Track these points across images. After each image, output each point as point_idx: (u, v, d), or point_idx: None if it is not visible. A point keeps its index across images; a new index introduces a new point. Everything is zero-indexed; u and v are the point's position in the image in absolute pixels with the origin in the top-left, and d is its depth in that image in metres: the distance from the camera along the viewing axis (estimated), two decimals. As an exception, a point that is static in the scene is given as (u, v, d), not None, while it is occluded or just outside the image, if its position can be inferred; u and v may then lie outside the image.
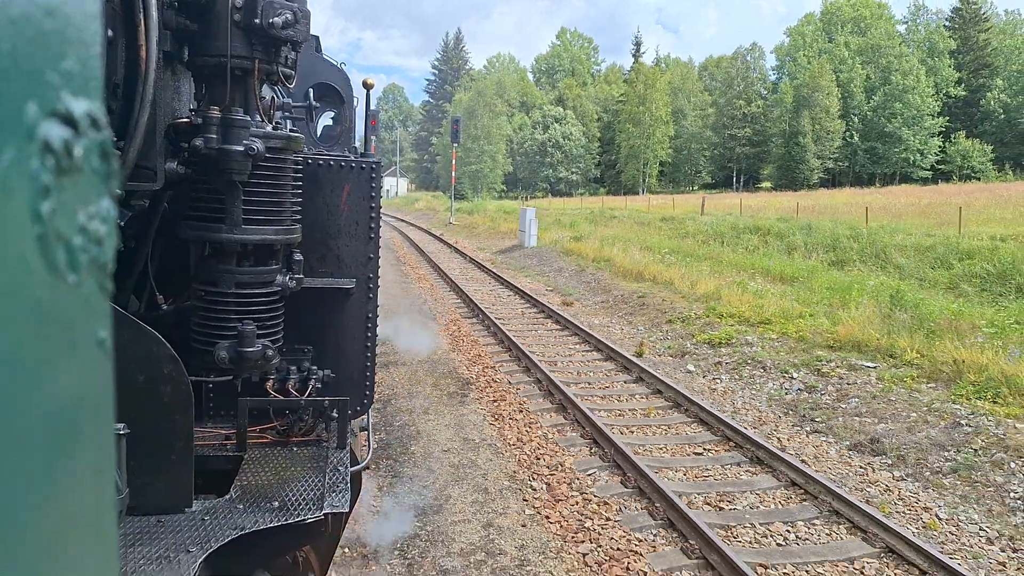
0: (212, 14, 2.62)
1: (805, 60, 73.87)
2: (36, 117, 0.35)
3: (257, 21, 2.62)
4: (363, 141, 4.26)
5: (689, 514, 5.41)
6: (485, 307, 14.30)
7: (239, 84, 2.76)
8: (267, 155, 2.72)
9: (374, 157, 3.38)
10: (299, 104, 4.67)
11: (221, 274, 2.77)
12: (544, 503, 5.75)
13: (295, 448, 2.95)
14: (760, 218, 27.95)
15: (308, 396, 3.09)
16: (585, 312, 14.70)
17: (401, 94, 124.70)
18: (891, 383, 8.53)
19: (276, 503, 2.50)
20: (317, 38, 5.27)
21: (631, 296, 15.37)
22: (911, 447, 7.09)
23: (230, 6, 2.58)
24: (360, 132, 5.12)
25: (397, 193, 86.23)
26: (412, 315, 13.58)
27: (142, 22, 2.38)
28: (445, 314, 14.07)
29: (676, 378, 9.66)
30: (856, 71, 69.69)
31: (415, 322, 12.84)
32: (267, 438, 3.02)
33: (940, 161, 67.66)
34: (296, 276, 2.96)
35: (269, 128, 2.84)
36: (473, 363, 10.28)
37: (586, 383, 9.44)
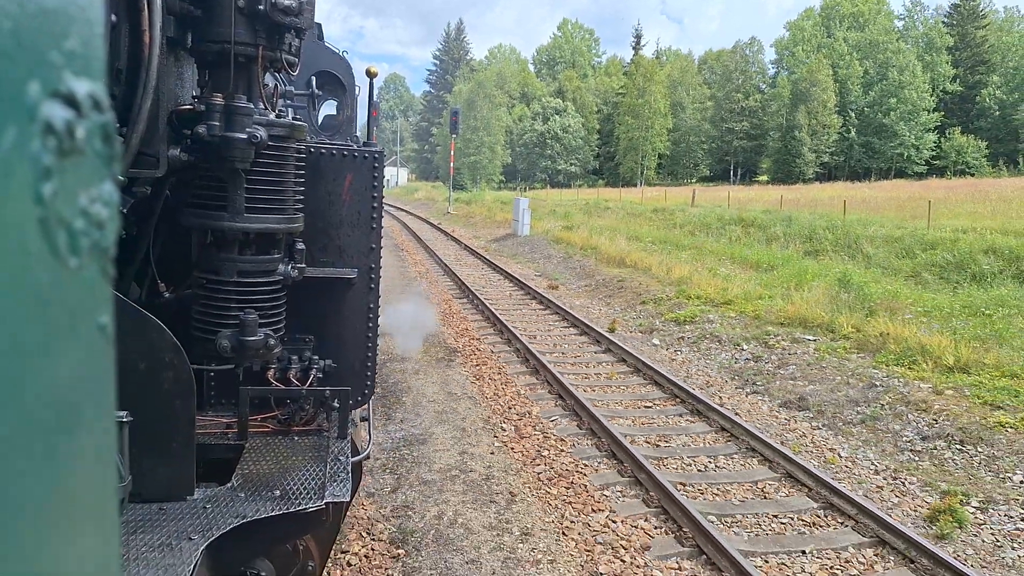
0: (216, 0, 2.60)
1: (804, 55, 74.53)
2: (38, 97, 0.34)
3: (261, 7, 2.60)
4: (366, 130, 4.14)
5: (628, 447, 6.59)
6: (475, 289, 15.46)
7: (242, 71, 2.72)
8: (270, 143, 2.70)
9: (377, 146, 3.36)
10: (301, 92, 4.67)
11: (223, 262, 2.76)
12: (511, 439, 6.95)
13: (296, 437, 2.95)
14: (746, 210, 29.03)
15: (309, 386, 3.09)
16: (569, 295, 15.85)
17: (402, 84, 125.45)
18: (825, 353, 9.70)
19: (277, 492, 2.51)
20: (319, 26, 5.22)
21: (612, 280, 16.52)
22: (831, 404, 8.27)
23: None
24: (362, 121, 5.27)
25: (397, 183, 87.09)
26: (407, 295, 14.74)
27: (146, 7, 2.36)
28: (438, 295, 15.23)
29: (641, 350, 10.83)
30: (854, 68, 70.33)
31: (410, 301, 14.00)
32: (268, 427, 3.02)
33: (935, 157, 68.47)
34: (298, 265, 2.95)
35: (272, 116, 2.82)
36: (460, 335, 11.46)
37: (560, 353, 10.62)
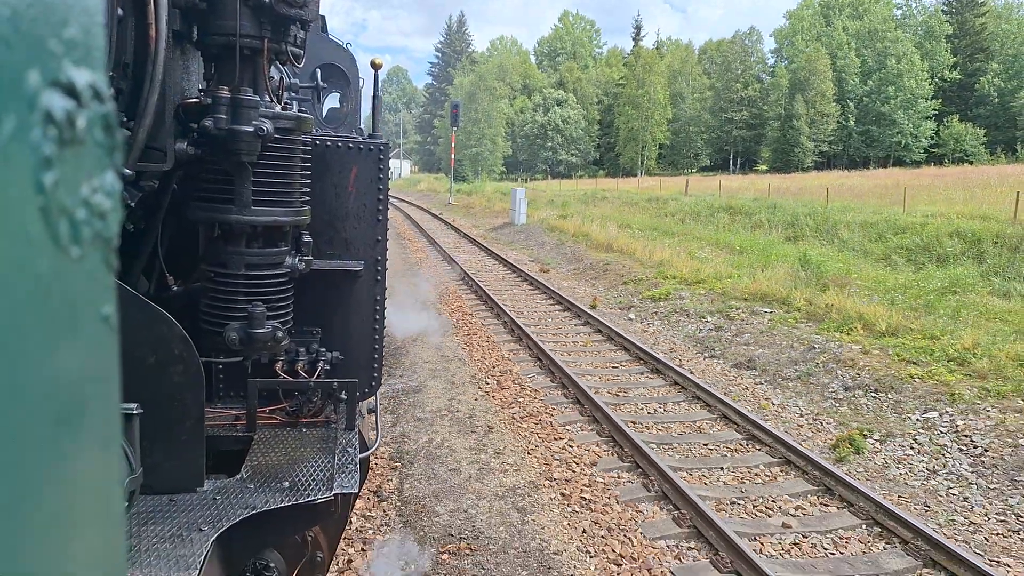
0: None
1: (803, 44, 75.04)
2: (38, 86, 0.34)
3: (266, 0, 2.59)
4: (372, 122, 4.15)
5: (591, 395, 7.82)
6: (471, 272, 16.70)
7: (248, 64, 2.73)
8: (276, 136, 2.71)
9: (382, 138, 3.37)
10: (306, 85, 4.70)
11: (231, 255, 2.77)
12: (492, 389, 8.20)
13: (304, 429, 2.97)
14: (735, 199, 30.12)
15: (317, 378, 3.10)
16: (558, 277, 17.07)
17: (405, 76, 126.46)
18: (778, 323, 10.90)
19: (286, 483, 2.52)
20: (323, 18, 5.26)
21: (599, 264, 17.73)
22: (774, 363, 9.49)
23: None
24: (367, 113, 5.35)
25: (400, 175, 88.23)
26: (409, 278, 15.99)
27: (152, 1, 2.36)
28: (436, 278, 16.49)
29: (617, 323, 12.05)
30: (851, 58, 70.86)
31: (411, 282, 15.26)
32: (276, 419, 3.03)
33: (934, 145, 69.08)
34: (305, 258, 2.96)
35: (278, 108, 2.83)
36: (454, 311, 12.71)
37: (544, 325, 11.85)
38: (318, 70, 4.73)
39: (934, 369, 8.22)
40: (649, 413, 7.77)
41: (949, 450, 6.71)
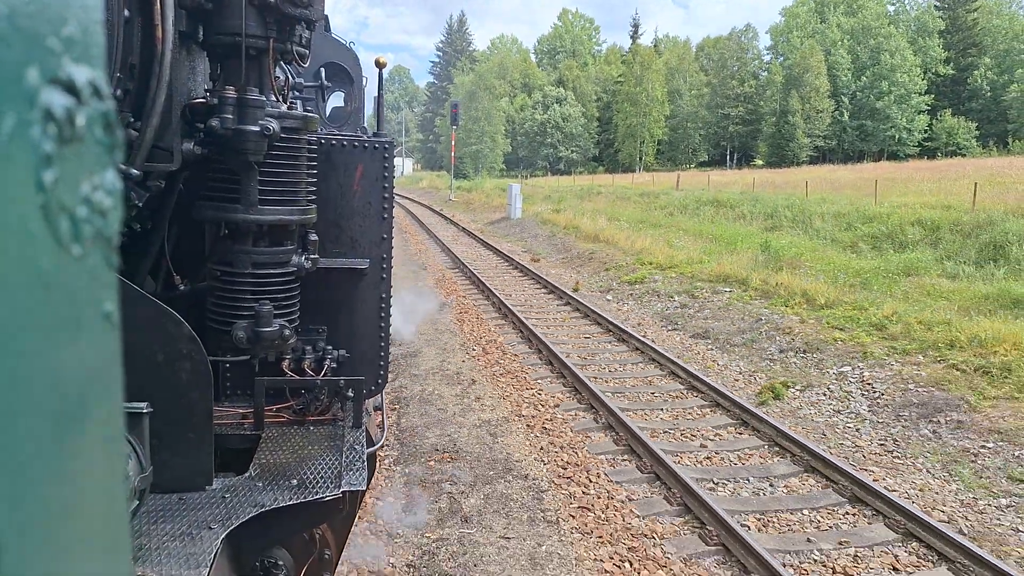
0: None
1: (798, 40, 76.13)
2: (37, 84, 0.34)
3: (271, 0, 2.57)
4: (376, 120, 4.12)
5: (563, 359, 9.24)
6: (466, 262, 18.13)
7: (254, 63, 2.74)
8: (282, 135, 2.71)
9: (387, 137, 3.38)
10: (311, 84, 4.78)
11: (237, 254, 2.78)
12: (478, 354, 9.64)
13: (311, 427, 2.98)
14: (723, 192, 31.46)
15: (324, 376, 3.11)
16: (547, 266, 18.49)
17: (407, 75, 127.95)
18: (735, 300, 12.30)
19: (295, 481, 2.53)
20: (327, 17, 5.25)
21: (585, 253, 19.14)
22: (726, 333, 10.89)
23: None
24: (370, 111, 5.55)
25: (403, 172, 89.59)
26: (409, 267, 17.45)
27: (158, 1, 2.36)
28: (434, 266, 17.93)
29: (595, 303, 13.46)
30: (842, 55, 71.94)
31: (411, 271, 16.71)
32: (284, 417, 3.04)
33: (927, 139, 70.13)
34: (311, 256, 2.97)
35: (284, 108, 2.84)
36: (449, 294, 14.14)
37: (529, 306, 13.28)
38: (322, 69, 4.88)
39: (856, 333, 9.62)
40: (610, 371, 9.20)
41: (853, 395, 8.12)
